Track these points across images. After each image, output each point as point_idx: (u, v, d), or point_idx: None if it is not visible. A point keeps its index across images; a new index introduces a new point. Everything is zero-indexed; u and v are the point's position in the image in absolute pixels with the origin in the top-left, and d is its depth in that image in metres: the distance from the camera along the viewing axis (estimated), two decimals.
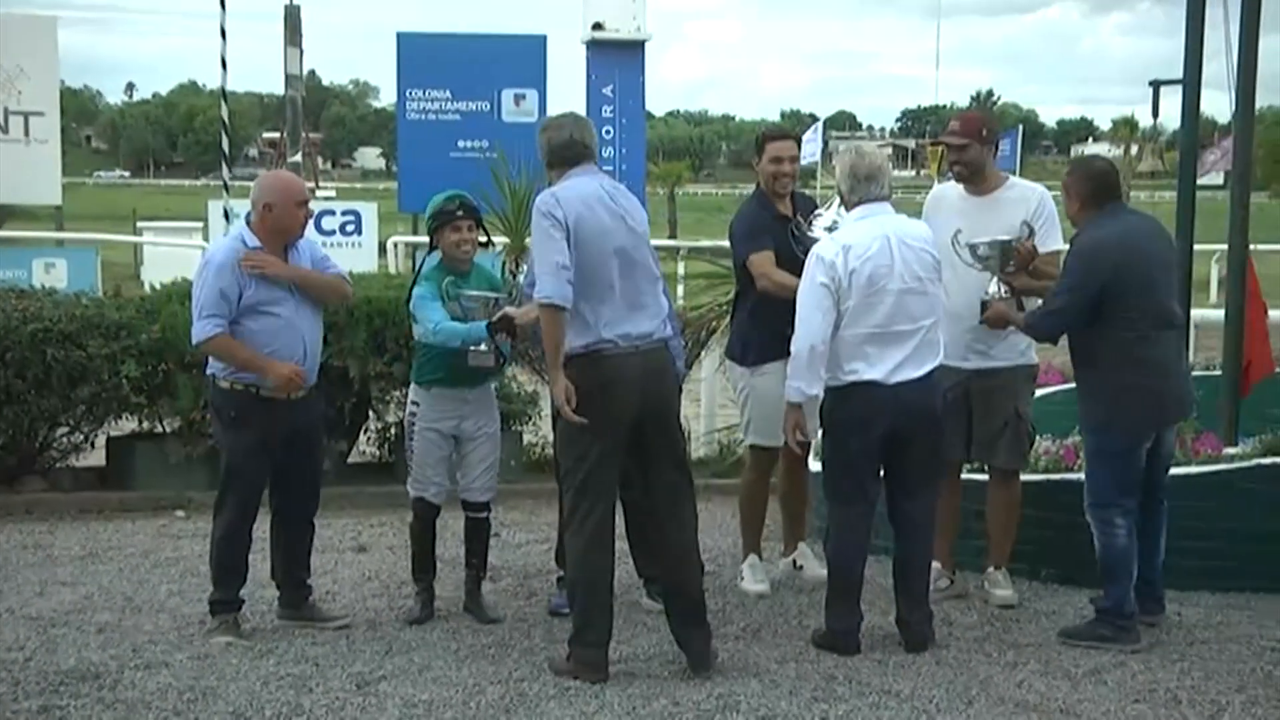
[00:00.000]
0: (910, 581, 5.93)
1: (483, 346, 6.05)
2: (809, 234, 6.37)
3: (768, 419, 6.58)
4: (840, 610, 5.83)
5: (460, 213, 6.13)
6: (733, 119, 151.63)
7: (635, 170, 14.60)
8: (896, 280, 5.71)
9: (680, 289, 16.92)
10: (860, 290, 5.66)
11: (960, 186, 6.57)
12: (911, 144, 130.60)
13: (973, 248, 6.31)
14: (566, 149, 5.58)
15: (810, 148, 33.12)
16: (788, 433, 5.86)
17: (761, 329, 6.60)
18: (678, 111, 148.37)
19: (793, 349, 5.73)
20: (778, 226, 6.61)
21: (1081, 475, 6.69)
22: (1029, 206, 6.42)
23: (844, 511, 5.88)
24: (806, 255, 6.26)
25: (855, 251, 5.68)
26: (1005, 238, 6.27)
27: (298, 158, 16.52)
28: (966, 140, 6.44)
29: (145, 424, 8.94)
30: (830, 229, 6.19)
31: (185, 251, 18.61)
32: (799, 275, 6.13)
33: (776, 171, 6.65)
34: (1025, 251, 6.30)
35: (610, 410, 5.37)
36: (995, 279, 6.30)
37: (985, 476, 6.74)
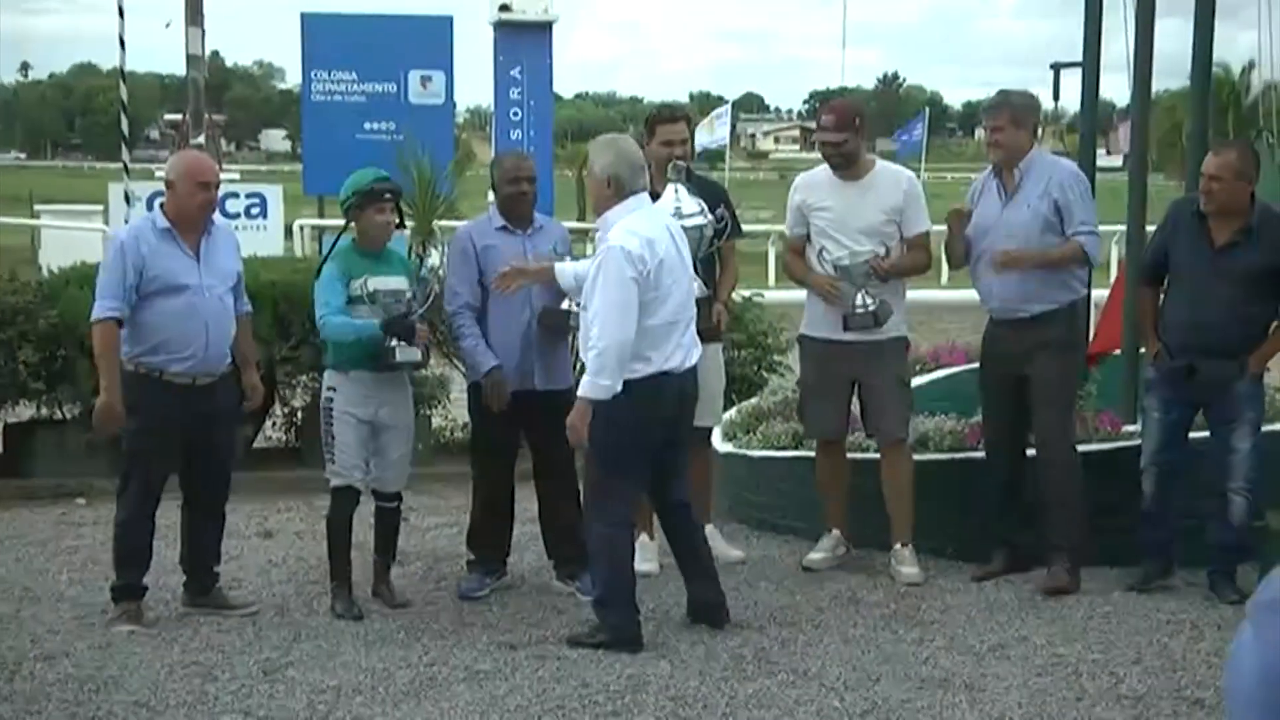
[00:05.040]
0: (705, 562, 6.00)
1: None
2: None
3: None
4: (623, 607, 5.74)
5: (387, 194, 6.08)
6: (640, 101, 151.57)
7: (543, 153, 14.54)
8: (681, 269, 5.73)
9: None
10: (660, 281, 5.59)
11: (830, 171, 6.71)
12: None
13: (836, 264, 6.54)
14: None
15: (720, 131, 33.22)
16: (577, 431, 5.59)
17: None
18: (586, 93, 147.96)
19: (599, 345, 5.42)
20: None
21: (980, 454, 6.82)
22: (900, 189, 6.67)
23: (622, 507, 5.77)
24: None
25: (655, 242, 5.60)
26: (865, 255, 6.48)
27: (200, 140, 16.23)
28: (845, 136, 6.62)
29: (44, 410, 8.78)
30: (675, 215, 6.09)
31: (85, 235, 18.27)
32: None
33: (669, 154, 6.66)
34: (883, 269, 6.52)
35: None
36: (860, 292, 6.53)
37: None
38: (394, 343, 6.01)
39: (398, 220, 6.22)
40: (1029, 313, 6.48)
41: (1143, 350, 6.67)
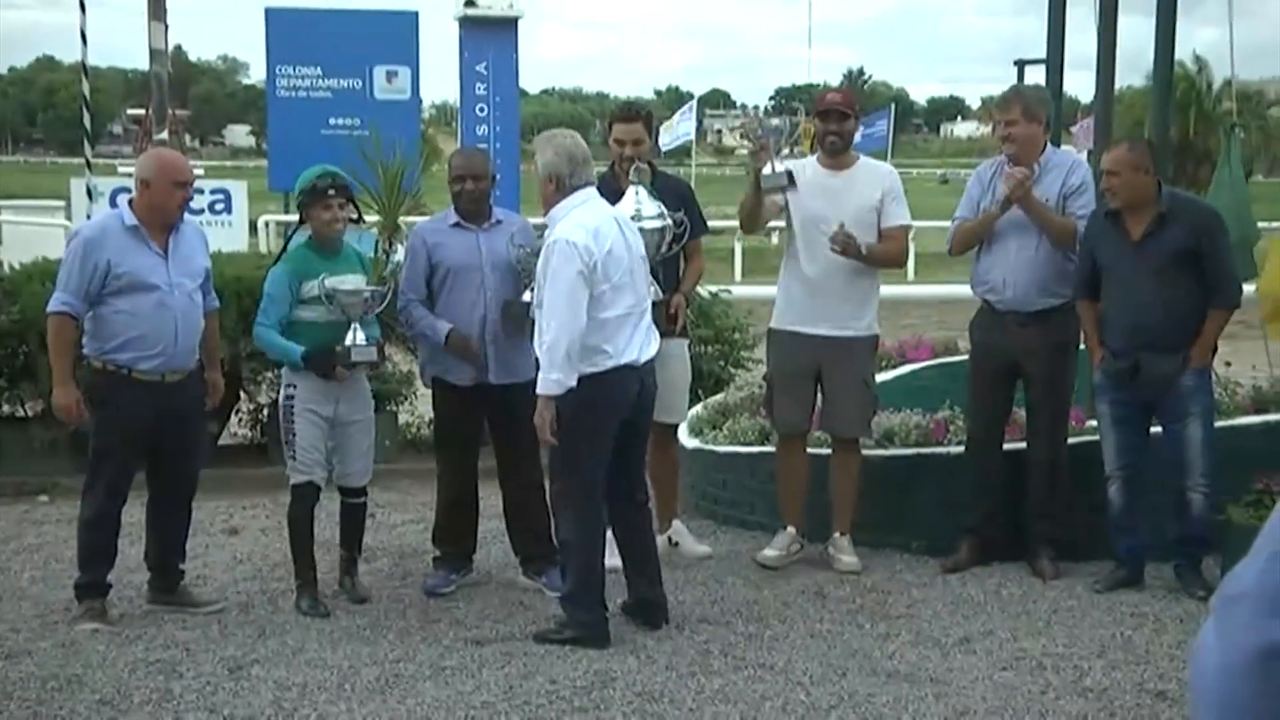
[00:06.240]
0: (652, 562, 6.00)
1: (367, 341, 6.02)
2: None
3: None
4: (592, 604, 5.74)
5: (332, 191, 6.04)
6: (607, 97, 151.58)
7: (509, 149, 14.51)
8: (634, 261, 5.72)
9: None
10: (611, 273, 5.56)
11: (816, 164, 6.72)
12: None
13: (761, 122, 6.65)
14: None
15: (684, 126, 33.21)
16: (545, 428, 5.55)
17: None
18: (553, 89, 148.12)
19: (548, 340, 5.42)
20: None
21: (951, 449, 6.85)
22: (882, 183, 6.69)
23: (590, 501, 5.72)
24: None
25: (602, 234, 5.58)
26: (795, 119, 6.60)
27: (164, 135, 16.10)
28: (850, 112, 6.71)
29: (6, 407, 8.71)
30: (635, 218, 6.07)
31: (46, 231, 18.13)
32: None
33: (619, 153, 6.69)
34: (841, 239, 6.48)
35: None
36: (775, 156, 6.50)
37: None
38: (350, 342, 6.00)
39: (354, 217, 6.19)
40: (1041, 306, 6.52)
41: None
